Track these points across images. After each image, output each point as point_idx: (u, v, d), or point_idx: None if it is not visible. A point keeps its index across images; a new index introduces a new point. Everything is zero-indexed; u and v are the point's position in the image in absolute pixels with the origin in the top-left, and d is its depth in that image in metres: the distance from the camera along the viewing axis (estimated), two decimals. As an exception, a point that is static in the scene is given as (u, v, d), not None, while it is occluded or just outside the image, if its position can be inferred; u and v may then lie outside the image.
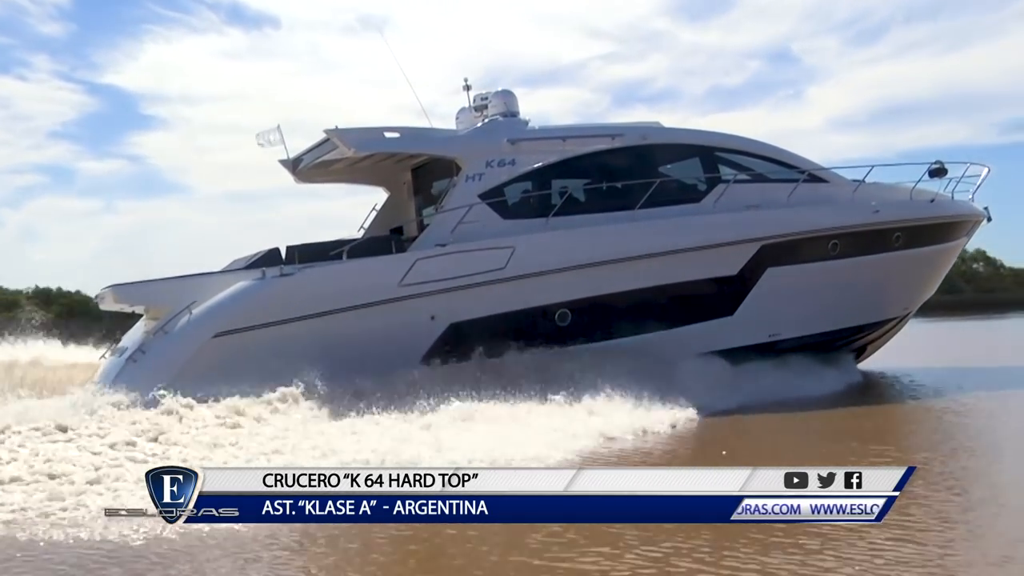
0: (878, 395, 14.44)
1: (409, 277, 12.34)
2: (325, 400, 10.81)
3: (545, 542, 6.03)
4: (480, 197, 13.18)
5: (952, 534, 6.09)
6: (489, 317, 12.60)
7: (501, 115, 14.28)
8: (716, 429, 10.96)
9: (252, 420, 10.07)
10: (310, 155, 14.63)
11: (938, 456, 8.75)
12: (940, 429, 11.16)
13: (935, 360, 19.07)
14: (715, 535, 5.95)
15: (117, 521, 6.40)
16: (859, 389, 14.71)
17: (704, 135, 14.80)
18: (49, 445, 8.60)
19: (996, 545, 5.83)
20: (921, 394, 14.19)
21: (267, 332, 11.79)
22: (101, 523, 6.48)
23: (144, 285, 12.75)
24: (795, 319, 14.50)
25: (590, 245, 13.10)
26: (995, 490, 7.46)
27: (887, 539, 5.75)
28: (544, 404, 11.04)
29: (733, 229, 13.89)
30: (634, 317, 13.34)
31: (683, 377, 12.44)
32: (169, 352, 11.75)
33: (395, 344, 12.14)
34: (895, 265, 15.29)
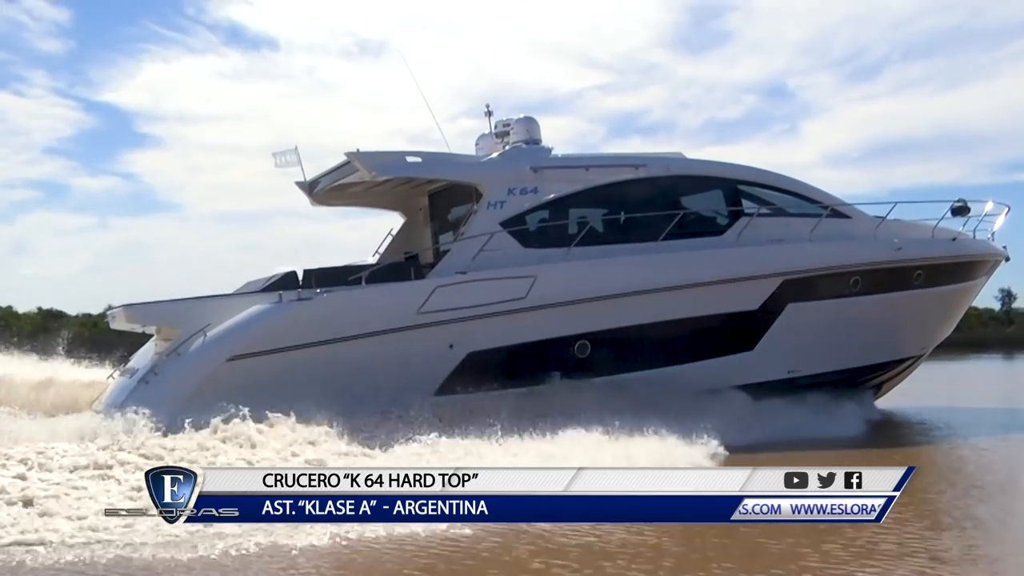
0: (901, 436, 14.18)
1: (428, 304, 12.11)
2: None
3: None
4: (501, 225, 12.98)
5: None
6: (508, 347, 12.37)
7: (523, 142, 14.12)
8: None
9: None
10: (328, 178, 14.45)
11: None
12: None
13: (936, 400, 18.72)
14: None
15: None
16: (880, 429, 14.45)
17: (727, 167, 14.64)
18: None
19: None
20: (942, 435, 13.95)
21: (282, 357, 11.54)
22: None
23: (157, 305, 12.50)
24: (814, 356, 14.28)
25: (613, 276, 12.90)
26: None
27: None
28: (561, 437, 10.74)
29: (756, 263, 13.71)
30: (654, 350, 13.10)
31: (702, 412, 12.17)
32: (182, 375, 11.49)
33: (411, 373, 11.90)
34: (915, 303, 15.11)
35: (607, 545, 6.88)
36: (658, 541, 6.98)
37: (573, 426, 10.82)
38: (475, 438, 10.19)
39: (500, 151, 14.16)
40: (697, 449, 10.79)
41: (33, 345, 15.82)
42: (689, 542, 6.93)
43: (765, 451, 11.53)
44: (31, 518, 7.24)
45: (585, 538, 7.02)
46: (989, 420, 15.47)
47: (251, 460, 9.30)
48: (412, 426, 10.83)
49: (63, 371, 14.19)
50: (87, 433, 9.90)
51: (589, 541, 6.96)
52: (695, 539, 6.98)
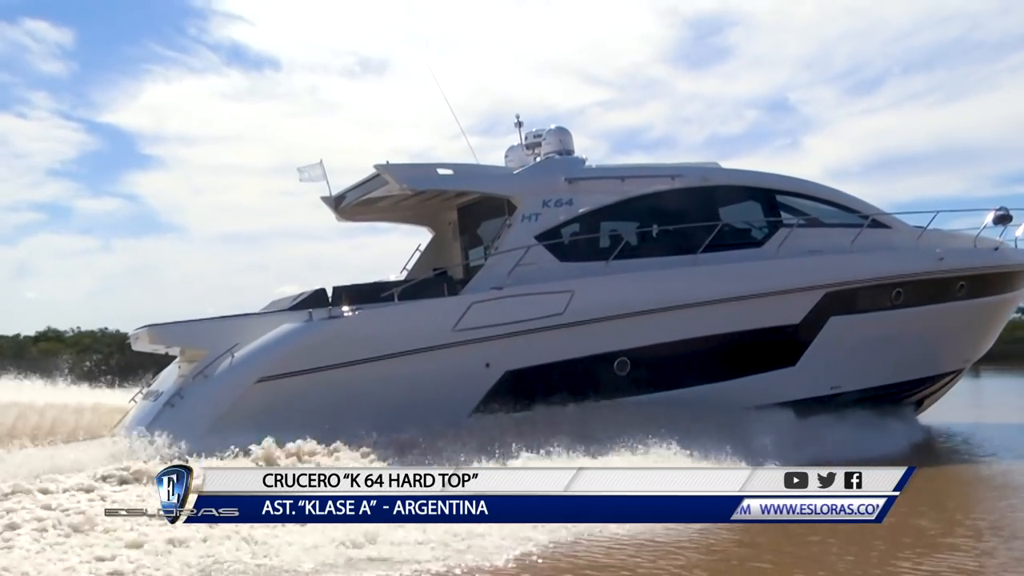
0: (954, 452, 13.70)
1: (464, 322, 11.66)
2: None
3: None
4: (536, 238, 12.55)
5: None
6: (546, 365, 11.92)
7: (556, 152, 13.71)
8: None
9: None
10: (355, 192, 14.04)
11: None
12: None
13: (974, 415, 18.20)
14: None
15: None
16: (928, 445, 13.97)
17: (764, 177, 14.24)
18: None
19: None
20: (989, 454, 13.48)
21: (313, 378, 11.10)
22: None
23: (182, 326, 12.08)
24: (857, 371, 13.82)
25: (652, 290, 12.47)
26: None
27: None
28: (606, 458, 10.27)
29: (797, 275, 13.28)
30: (694, 367, 12.66)
31: (747, 430, 11.70)
32: (209, 397, 11.03)
33: (447, 392, 11.44)
34: (958, 315, 14.66)
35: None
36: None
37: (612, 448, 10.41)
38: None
39: (531, 163, 13.77)
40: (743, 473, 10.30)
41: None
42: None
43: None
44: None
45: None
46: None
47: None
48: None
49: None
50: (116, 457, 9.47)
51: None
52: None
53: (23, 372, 14.51)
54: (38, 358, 27.11)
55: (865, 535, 7.14)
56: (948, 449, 14.23)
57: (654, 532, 7.69)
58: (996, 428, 16.15)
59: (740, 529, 7.43)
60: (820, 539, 7.43)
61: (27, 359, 26.99)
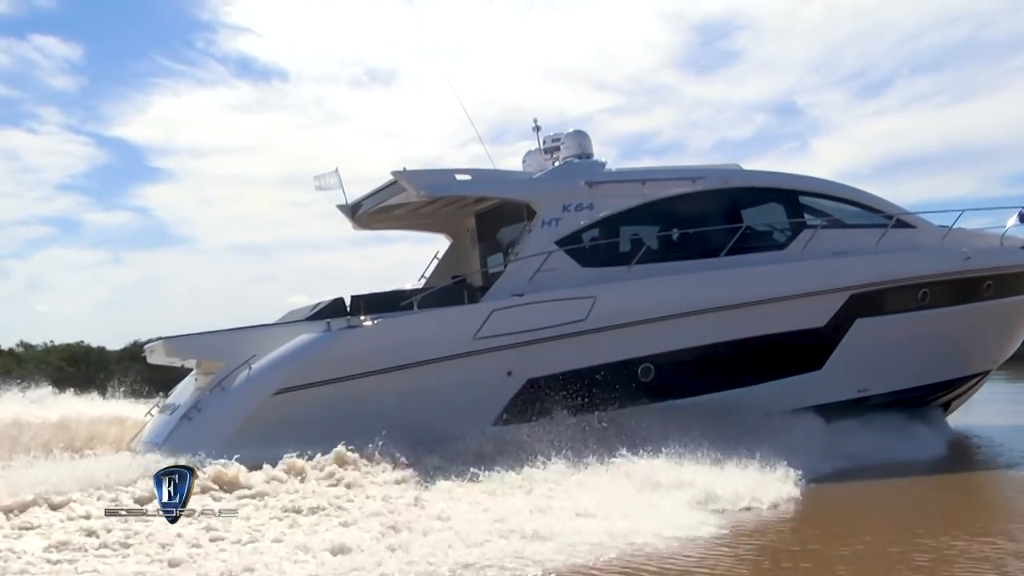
0: (990, 456, 13.40)
1: (485, 329, 11.43)
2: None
3: None
4: (557, 243, 12.33)
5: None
6: (569, 372, 11.68)
7: (575, 156, 13.51)
8: (829, 505, 9.91)
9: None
10: (371, 200, 13.84)
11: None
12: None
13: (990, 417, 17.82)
14: None
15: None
16: (964, 449, 13.69)
17: (786, 178, 14.00)
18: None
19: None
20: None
21: (332, 389, 10.87)
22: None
23: (198, 338, 11.88)
24: (884, 374, 13.57)
25: (676, 295, 12.24)
26: None
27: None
28: (636, 466, 10.06)
29: (822, 277, 13.04)
30: (720, 371, 12.40)
31: (777, 436, 11.44)
32: (227, 410, 10.80)
33: (469, 401, 11.23)
34: (985, 316, 14.38)
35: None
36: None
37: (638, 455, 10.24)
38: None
39: (550, 167, 13.56)
40: (781, 479, 10.10)
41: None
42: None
43: (852, 479, 10.88)
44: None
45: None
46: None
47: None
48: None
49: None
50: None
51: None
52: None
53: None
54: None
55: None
56: (987, 451, 13.88)
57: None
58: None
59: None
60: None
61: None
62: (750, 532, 8.16)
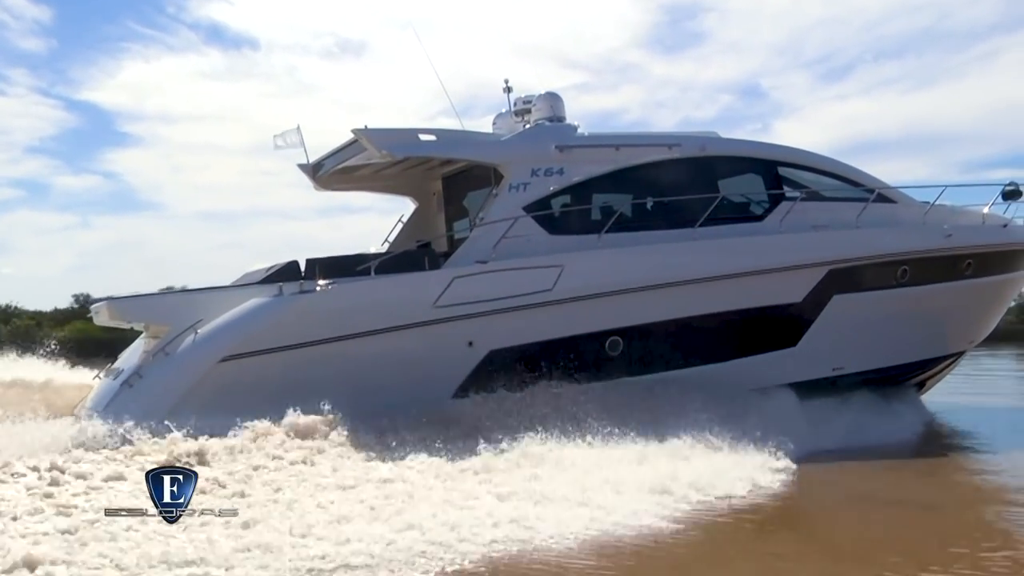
0: (971, 434, 13.08)
1: (445, 297, 10.88)
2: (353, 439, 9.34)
3: None
4: (525, 209, 11.75)
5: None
6: (533, 344, 11.17)
7: (547, 119, 12.90)
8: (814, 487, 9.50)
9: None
10: (332, 159, 13.20)
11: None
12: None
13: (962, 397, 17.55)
14: None
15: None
16: (942, 428, 13.40)
17: (765, 147, 13.49)
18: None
19: None
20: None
21: (281, 357, 10.28)
22: None
23: (144, 299, 11.30)
24: (861, 352, 13.17)
25: (647, 266, 11.73)
26: None
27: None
28: (610, 445, 9.57)
29: (800, 251, 12.57)
30: (691, 347, 11.93)
31: (753, 415, 11.00)
32: (169, 377, 10.20)
33: (427, 373, 10.67)
34: (965, 295, 14.00)
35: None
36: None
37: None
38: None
39: (520, 130, 12.95)
40: (763, 460, 9.67)
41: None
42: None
43: (837, 460, 10.49)
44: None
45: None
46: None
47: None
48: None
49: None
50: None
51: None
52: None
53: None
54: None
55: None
56: (966, 430, 13.54)
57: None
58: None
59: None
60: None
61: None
62: (711, 520, 7.72)
